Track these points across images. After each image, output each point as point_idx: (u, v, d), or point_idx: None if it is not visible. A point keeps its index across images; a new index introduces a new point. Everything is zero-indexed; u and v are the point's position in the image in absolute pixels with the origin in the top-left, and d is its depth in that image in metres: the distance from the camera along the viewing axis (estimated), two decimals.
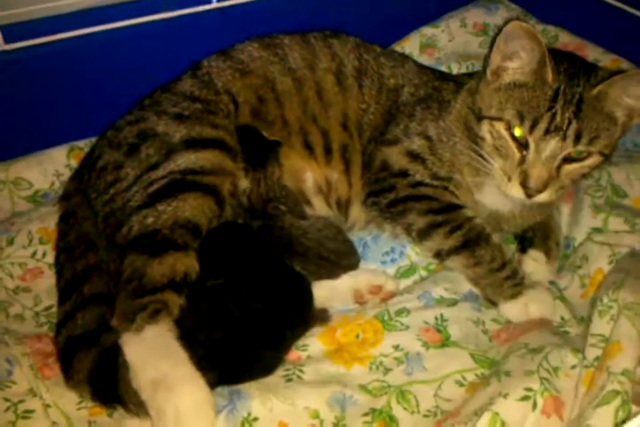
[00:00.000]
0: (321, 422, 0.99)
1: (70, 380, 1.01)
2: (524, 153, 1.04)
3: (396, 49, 1.57)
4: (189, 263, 1.05)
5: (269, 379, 1.03)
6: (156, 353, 0.97)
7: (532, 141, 1.02)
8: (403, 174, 1.19)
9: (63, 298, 1.10)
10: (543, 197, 1.05)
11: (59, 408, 1.00)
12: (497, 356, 1.06)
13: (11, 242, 1.22)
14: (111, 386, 0.98)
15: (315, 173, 1.26)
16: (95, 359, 1.00)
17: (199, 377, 0.95)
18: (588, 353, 0.96)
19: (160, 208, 1.07)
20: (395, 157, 1.20)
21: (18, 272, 1.20)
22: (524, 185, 1.04)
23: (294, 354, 1.08)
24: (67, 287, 1.11)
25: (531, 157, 1.03)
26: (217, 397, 0.98)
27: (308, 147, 1.25)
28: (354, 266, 1.20)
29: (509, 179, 1.05)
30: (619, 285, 1.00)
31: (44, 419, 0.98)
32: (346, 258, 1.19)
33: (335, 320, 1.13)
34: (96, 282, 1.10)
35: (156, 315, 1.00)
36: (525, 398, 0.91)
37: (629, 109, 1.05)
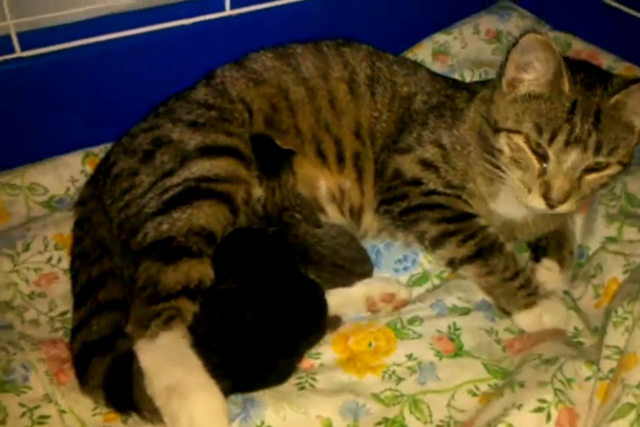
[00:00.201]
0: None
1: (85, 386, 1.01)
2: (544, 165, 1.03)
3: (409, 56, 1.58)
4: (204, 270, 1.06)
5: (282, 387, 1.03)
6: (171, 360, 0.97)
7: (552, 153, 1.02)
8: (415, 183, 1.19)
9: (78, 304, 1.11)
10: (565, 208, 1.04)
11: (74, 414, 1.00)
12: (510, 366, 1.06)
13: (26, 247, 1.23)
14: (126, 392, 0.98)
15: (328, 182, 1.26)
16: (110, 365, 1.01)
17: (213, 384, 0.96)
18: (603, 365, 0.96)
19: (175, 215, 1.08)
20: (407, 166, 1.20)
21: (33, 277, 1.21)
22: (546, 196, 1.03)
23: (307, 362, 1.08)
24: (82, 293, 1.12)
25: (552, 169, 1.03)
26: (230, 405, 0.98)
27: (321, 155, 1.25)
28: (368, 273, 1.20)
29: (529, 190, 1.05)
30: (634, 296, 0.99)
31: (60, 424, 0.99)
32: (359, 265, 1.19)
33: (347, 328, 1.13)
34: (111, 288, 1.11)
35: (170, 322, 1.00)
36: (539, 409, 0.91)
37: None
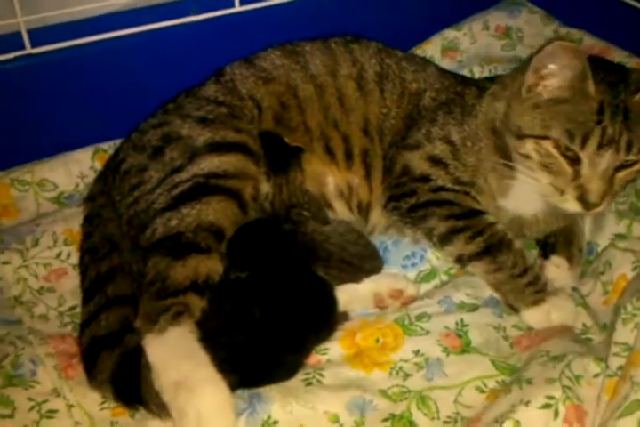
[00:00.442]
0: (340, 426, 0.99)
1: (93, 380, 1.02)
2: (576, 168, 1.02)
3: (418, 52, 1.57)
4: (212, 266, 1.06)
5: (289, 382, 1.03)
6: (178, 355, 0.98)
7: (586, 157, 1.01)
8: (424, 179, 1.19)
9: (87, 298, 1.12)
10: (600, 208, 1.04)
11: (82, 408, 1.01)
12: (518, 363, 1.05)
13: (36, 243, 1.23)
14: (133, 387, 0.99)
15: (336, 178, 1.26)
16: (118, 360, 1.01)
17: (220, 379, 0.96)
18: (612, 362, 0.95)
19: (184, 211, 1.08)
20: (416, 162, 1.20)
21: (42, 273, 1.22)
22: (582, 199, 1.02)
23: (314, 358, 1.08)
24: (91, 288, 1.12)
25: (586, 172, 1.02)
26: (237, 399, 0.98)
27: (330, 152, 1.25)
28: (377, 270, 1.20)
29: (562, 193, 1.04)
30: None
31: (68, 419, 0.99)
32: (368, 262, 1.19)
33: (355, 324, 1.13)
34: (120, 283, 1.11)
35: (179, 317, 1.01)
36: (547, 406, 0.90)
37: None
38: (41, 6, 1.32)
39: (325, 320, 1.09)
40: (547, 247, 1.23)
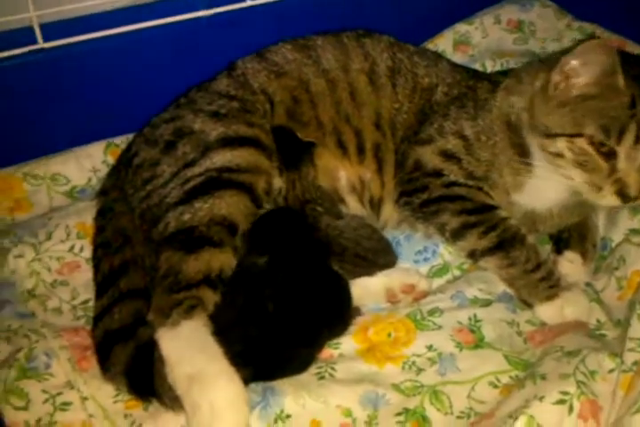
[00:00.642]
0: (353, 420, 0.99)
1: (107, 373, 1.02)
2: (612, 162, 1.02)
3: (429, 46, 1.56)
4: (225, 260, 1.06)
5: (302, 376, 1.03)
6: (192, 348, 0.98)
7: (622, 151, 1.00)
8: (436, 174, 1.19)
9: (100, 292, 1.12)
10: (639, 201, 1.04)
11: (96, 401, 1.01)
12: (532, 358, 1.05)
13: (49, 236, 1.24)
14: (147, 380, 0.99)
15: (348, 173, 1.26)
16: (132, 353, 1.01)
17: (234, 373, 0.96)
18: (627, 357, 0.95)
19: (196, 205, 1.08)
20: (428, 157, 1.19)
21: (55, 266, 1.22)
22: (622, 193, 1.02)
23: (326, 352, 1.08)
24: (104, 282, 1.13)
25: (624, 167, 1.01)
26: (250, 393, 0.98)
27: (342, 146, 1.25)
28: (391, 264, 1.20)
29: (599, 189, 1.04)
30: None
31: (82, 411, 1.00)
32: (382, 256, 1.19)
33: (367, 319, 1.13)
34: (133, 276, 1.11)
35: (192, 310, 1.01)
36: (561, 401, 0.90)
37: None
38: (53, 1, 1.32)
39: (340, 315, 1.09)
40: (560, 243, 1.22)
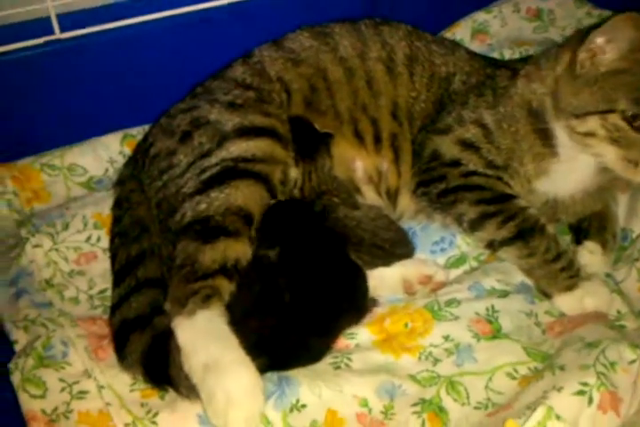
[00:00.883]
0: (369, 410, 0.99)
1: (124, 361, 1.02)
2: None
3: (447, 35, 1.55)
4: (241, 250, 1.06)
5: (318, 366, 1.03)
6: (208, 337, 0.98)
7: None
8: (454, 164, 1.17)
9: (118, 281, 1.12)
10: None
11: (112, 390, 1.01)
12: (550, 349, 1.04)
13: (66, 227, 1.24)
14: (163, 368, 0.99)
15: (365, 162, 1.25)
16: (148, 342, 1.01)
17: (249, 362, 0.96)
18: None
19: (212, 195, 1.08)
20: (446, 146, 1.18)
21: (73, 256, 1.22)
22: None
23: (342, 342, 1.08)
24: (121, 271, 1.13)
25: None
26: (266, 382, 0.98)
27: (359, 136, 1.24)
28: (408, 255, 1.19)
29: (636, 164, 1.02)
30: None
31: (98, 400, 1.00)
32: (399, 247, 1.18)
33: (384, 310, 1.12)
34: (150, 266, 1.12)
35: (208, 300, 1.01)
36: (581, 392, 0.89)
37: None
38: None
39: (355, 304, 1.09)
40: (580, 233, 1.21)
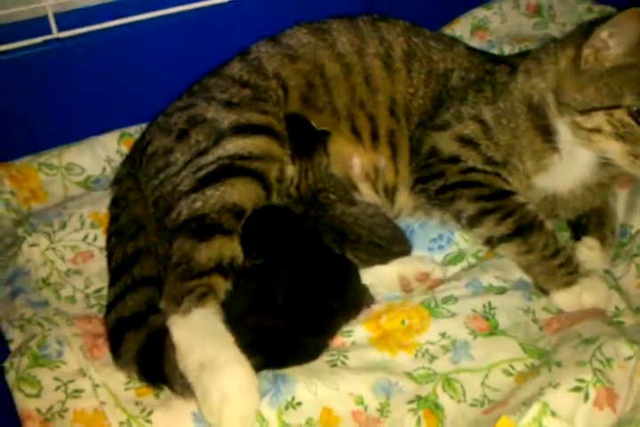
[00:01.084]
0: (365, 408, 0.98)
1: (119, 360, 1.02)
2: None
3: (446, 32, 1.54)
4: (236, 248, 1.06)
5: (314, 364, 1.02)
6: (203, 336, 0.98)
7: None
8: (453, 160, 1.17)
9: (114, 280, 1.12)
10: None
11: (107, 388, 1.01)
12: (547, 346, 1.03)
13: (63, 226, 1.24)
14: (158, 367, 0.99)
15: (362, 159, 1.24)
16: (143, 340, 1.01)
17: (245, 360, 0.96)
18: None
19: (208, 193, 1.08)
20: (444, 143, 1.18)
21: (69, 255, 1.22)
22: None
23: (338, 340, 1.07)
24: (117, 269, 1.13)
25: None
26: (261, 380, 0.97)
27: (356, 132, 1.24)
28: (405, 253, 1.18)
29: None
30: None
31: (93, 398, 1.00)
32: (396, 245, 1.18)
33: (380, 307, 1.12)
34: (146, 264, 1.12)
35: (203, 298, 1.00)
36: (577, 389, 0.88)
37: None
38: None
39: (349, 301, 1.08)
40: (579, 229, 1.20)
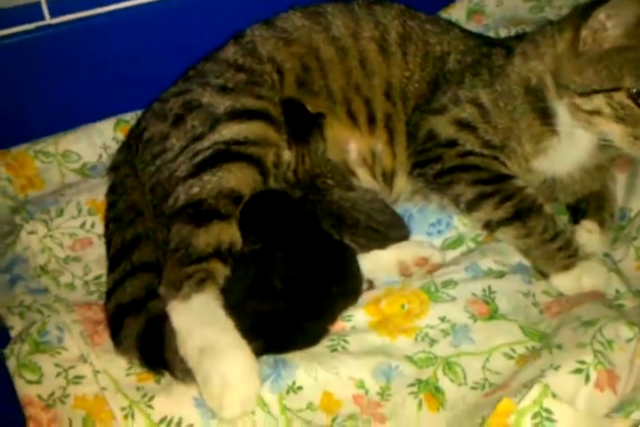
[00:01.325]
0: (366, 391, 0.98)
1: (119, 346, 1.02)
2: None
3: (442, 16, 1.53)
4: (234, 233, 1.05)
5: (314, 349, 1.02)
6: (203, 321, 0.97)
7: None
8: (450, 144, 1.16)
9: (113, 266, 1.12)
10: None
11: (108, 374, 1.01)
12: (547, 329, 1.03)
13: (60, 213, 1.24)
14: (159, 352, 0.99)
15: (359, 144, 1.24)
16: (143, 326, 1.01)
17: (245, 345, 0.96)
18: None
19: (205, 178, 1.07)
20: (442, 127, 1.17)
21: (68, 242, 1.22)
22: None
23: (338, 325, 1.07)
24: (116, 255, 1.12)
25: None
26: (262, 365, 0.97)
27: (352, 117, 1.23)
28: (404, 238, 1.18)
29: None
30: None
31: (94, 384, 1.00)
32: (394, 230, 1.17)
33: (380, 292, 1.12)
34: (145, 250, 1.11)
35: (202, 283, 1.00)
36: (578, 370, 0.88)
37: None
38: None
39: (347, 286, 1.08)
40: (577, 213, 1.20)
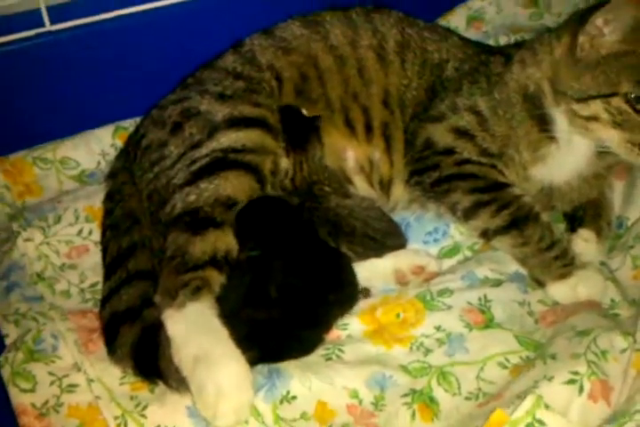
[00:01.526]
0: (360, 401, 0.98)
1: (114, 354, 1.02)
2: None
3: (442, 23, 1.53)
4: (230, 241, 1.05)
5: (309, 358, 1.02)
6: (198, 330, 0.97)
7: None
8: (448, 152, 1.16)
9: (109, 274, 1.12)
10: None
11: (102, 383, 1.01)
12: (542, 338, 1.03)
13: (58, 220, 1.24)
14: (153, 361, 0.99)
15: (356, 152, 1.24)
16: (138, 334, 1.01)
17: (239, 354, 0.95)
18: None
19: (202, 186, 1.07)
20: (439, 134, 1.17)
21: (64, 249, 1.22)
22: None
23: (334, 333, 1.07)
24: (112, 263, 1.13)
25: None
26: (256, 375, 0.97)
27: (350, 125, 1.23)
28: (400, 247, 1.18)
29: None
30: None
31: (88, 393, 1.00)
32: (391, 238, 1.17)
33: (376, 300, 1.12)
34: (141, 258, 1.11)
35: (198, 292, 1.00)
36: (571, 381, 0.88)
37: None
38: None
39: (343, 294, 1.08)
40: (574, 221, 1.20)
